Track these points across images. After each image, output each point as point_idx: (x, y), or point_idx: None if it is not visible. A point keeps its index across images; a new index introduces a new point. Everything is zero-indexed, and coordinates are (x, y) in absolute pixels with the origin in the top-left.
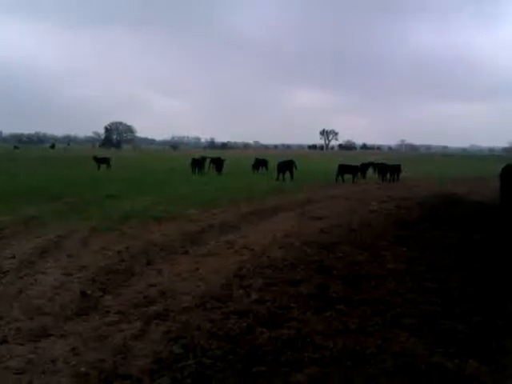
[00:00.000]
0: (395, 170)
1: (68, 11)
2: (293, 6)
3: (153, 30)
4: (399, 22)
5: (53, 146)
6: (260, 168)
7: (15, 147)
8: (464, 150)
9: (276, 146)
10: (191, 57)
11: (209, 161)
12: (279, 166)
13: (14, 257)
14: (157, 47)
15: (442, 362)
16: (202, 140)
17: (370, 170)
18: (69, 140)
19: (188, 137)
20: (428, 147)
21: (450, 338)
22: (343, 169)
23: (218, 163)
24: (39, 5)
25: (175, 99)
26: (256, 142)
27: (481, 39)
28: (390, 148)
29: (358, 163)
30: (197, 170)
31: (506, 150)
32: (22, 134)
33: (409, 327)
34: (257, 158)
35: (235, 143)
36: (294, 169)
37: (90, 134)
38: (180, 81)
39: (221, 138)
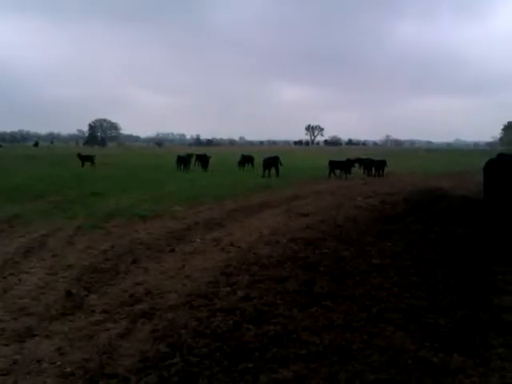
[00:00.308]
0: (380, 165)
1: (52, 8)
2: (279, 3)
3: (137, 27)
4: (385, 19)
5: (36, 144)
6: (246, 164)
7: None
8: (449, 144)
9: (262, 143)
10: (176, 53)
11: (194, 158)
12: (265, 162)
13: None
14: (141, 44)
15: (428, 357)
16: (188, 137)
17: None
18: (52, 138)
19: (173, 133)
20: (412, 142)
21: (435, 332)
22: (334, 165)
23: (203, 160)
24: (23, 2)
25: (160, 96)
26: (241, 139)
27: (466, 34)
28: (375, 143)
29: (344, 159)
30: (182, 167)
31: (489, 144)
32: (5, 132)
33: (394, 322)
34: (243, 155)
35: (221, 140)
36: (279, 165)
37: (73, 131)
38: (165, 77)
39: (206, 134)
